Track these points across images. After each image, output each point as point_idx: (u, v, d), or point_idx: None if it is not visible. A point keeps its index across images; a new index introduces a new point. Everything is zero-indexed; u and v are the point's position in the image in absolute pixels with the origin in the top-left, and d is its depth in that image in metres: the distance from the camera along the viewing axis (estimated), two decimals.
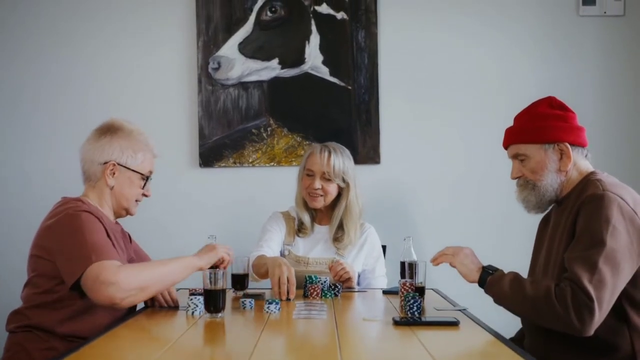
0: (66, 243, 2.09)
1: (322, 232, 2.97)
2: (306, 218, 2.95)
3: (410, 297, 2.13)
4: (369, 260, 2.95)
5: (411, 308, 2.10)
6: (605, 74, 3.64)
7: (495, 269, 2.15)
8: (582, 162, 2.17)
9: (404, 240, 2.53)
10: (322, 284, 2.55)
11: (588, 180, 2.10)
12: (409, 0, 3.65)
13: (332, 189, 2.91)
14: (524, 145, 2.17)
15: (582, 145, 2.18)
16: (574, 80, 3.64)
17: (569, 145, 2.13)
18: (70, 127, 3.58)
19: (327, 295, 2.53)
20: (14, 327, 2.21)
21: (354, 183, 2.94)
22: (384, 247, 3.40)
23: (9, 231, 3.61)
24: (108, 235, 2.20)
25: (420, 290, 2.36)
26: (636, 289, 1.98)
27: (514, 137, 2.20)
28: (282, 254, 2.94)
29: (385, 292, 2.68)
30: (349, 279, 2.70)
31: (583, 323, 1.89)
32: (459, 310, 2.26)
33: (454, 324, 1.99)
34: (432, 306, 2.33)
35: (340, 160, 2.91)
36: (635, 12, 3.64)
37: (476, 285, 2.19)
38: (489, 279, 2.11)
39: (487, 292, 2.13)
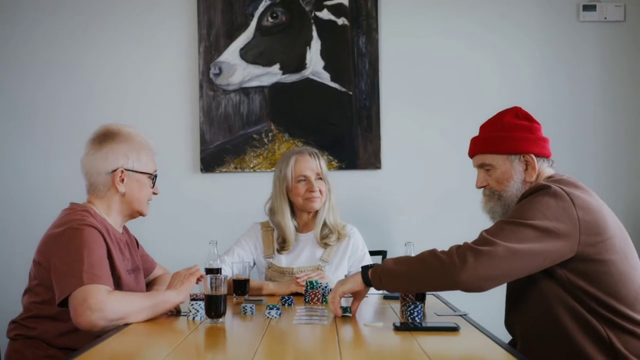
0: (63, 258, 2.09)
1: (304, 239, 2.92)
2: (290, 230, 2.87)
3: (411, 304, 2.13)
4: (353, 261, 2.93)
5: (412, 314, 2.11)
6: (605, 79, 3.65)
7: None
8: (546, 171, 2.16)
9: (404, 246, 2.53)
10: (323, 289, 2.55)
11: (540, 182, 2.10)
12: (410, 6, 3.67)
13: (325, 188, 2.91)
14: (489, 155, 2.17)
15: (546, 156, 2.16)
16: (574, 86, 3.65)
17: (534, 157, 2.13)
18: (71, 133, 3.59)
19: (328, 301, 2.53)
20: (14, 335, 2.22)
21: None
22: (384, 252, 3.41)
23: (10, 238, 3.62)
24: (109, 252, 2.19)
25: (421, 296, 2.36)
26: (594, 287, 1.96)
27: (479, 146, 2.21)
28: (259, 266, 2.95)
29: (386, 298, 2.68)
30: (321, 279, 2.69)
31: (464, 264, 1.87)
32: (460, 315, 2.26)
33: (454, 329, 1.99)
34: (433, 311, 2.34)
35: (323, 160, 2.94)
36: (635, 18, 3.65)
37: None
38: (370, 270, 2.10)
39: (375, 284, 2.09)
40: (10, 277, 3.45)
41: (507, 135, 2.14)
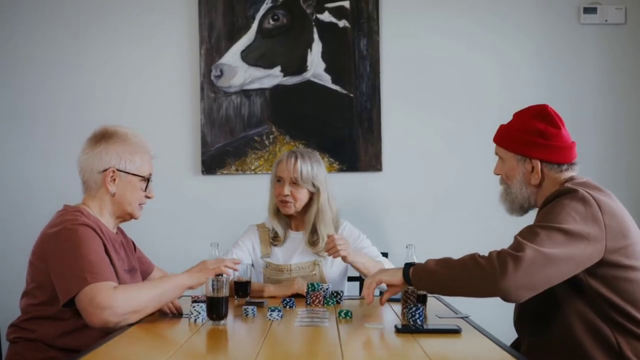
0: (62, 259, 2.09)
1: (298, 238, 2.94)
2: (278, 227, 2.92)
3: (412, 306, 2.13)
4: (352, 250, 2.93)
5: (413, 316, 2.11)
6: (605, 82, 3.66)
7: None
8: (561, 175, 2.14)
9: (406, 248, 2.53)
10: (324, 291, 2.56)
11: (563, 185, 2.11)
12: (411, 8, 3.67)
13: (302, 195, 2.86)
14: (502, 149, 2.21)
15: (559, 162, 2.14)
16: (574, 88, 3.65)
17: (539, 163, 2.13)
18: (71, 134, 3.58)
19: (329, 303, 2.53)
20: (14, 337, 2.22)
21: (325, 188, 2.89)
22: (385, 255, 3.40)
23: (11, 238, 3.62)
24: (106, 249, 2.19)
25: (422, 298, 2.36)
26: (611, 292, 1.97)
27: (497, 136, 2.24)
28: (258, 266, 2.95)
29: (387, 300, 2.68)
30: (344, 257, 2.65)
31: (504, 271, 1.85)
32: (461, 317, 2.26)
33: (455, 331, 2.00)
34: (434, 314, 2.34)
35: (308, 165, 2.86)
36: (636, 21, 3.66)
37: None
38: (412, 268, 2.10)
39: (415, 283, 2.09)
40: (12, 277, 3.44)
41: (520, 136, 2.15)
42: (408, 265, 2.13)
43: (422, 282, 2.07)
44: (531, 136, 2.13)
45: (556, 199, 2.02)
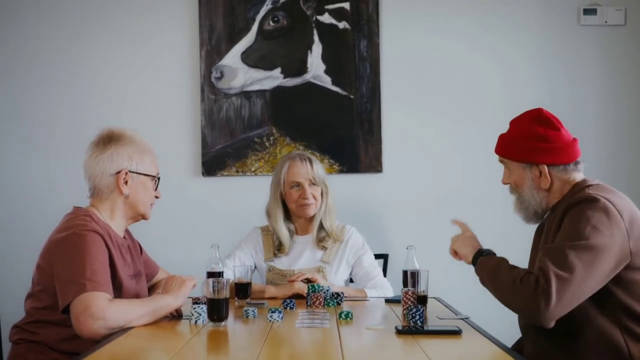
0: (66, 265, 2.09)
1: (303, 242, 2.95)
2: (285, 235, 2.91)
3: (412, 307, 2.13)
4: (355, 260, 2.94)
5: (414, 317, 2.11)
6: (605, 83, 3.66)
7: (491, 252, 2.18)
8: (568, 175, 2.15)
9: (406, 249, 2.54)
10: (324, 292, 2.56)
11: (578, 188, 2.11)
12: (411, 10, 3.68)
13: (319, 194, 2.91)
14: (506, 159, 2.21)
15: (564, 162, 2.14)
16: (574, 89, 3.65)
17: (546, 167, 2.13)
18: (71, 135, 3.59)
19: (330, 304, 2.53)
20: (16, 339, 2.22)
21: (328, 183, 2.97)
22: (386, 256, 3.41)
23: (11, 238, 3.62)
24: (111, 257, 2.19)
25: (423, 299, 2.36)
26: (628, 295, 1.98)
27: (499, 147, 2.23)
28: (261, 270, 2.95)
29: (387, 301, 2.69)
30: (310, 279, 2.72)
31: (538, 309, 1.87)
32: (462, 319, 2.26)
33: (456, 332, 2.00)
34: (435, 315, 2.34)
35: (318, 164, 2.94)
36: (636, 22, 3.66)
37: (478, 293, 2.20)
38: (480, 260, 2.14)
39: (476, 271, 2.15)
40: (13, 278, 3.45)
41: (522, 143, 2.15)
42: (480, 253, 2.18)
43: (480, 278, 2.12)
44: (533, 142, 2.13)
45: (577, 208, 2.00)
